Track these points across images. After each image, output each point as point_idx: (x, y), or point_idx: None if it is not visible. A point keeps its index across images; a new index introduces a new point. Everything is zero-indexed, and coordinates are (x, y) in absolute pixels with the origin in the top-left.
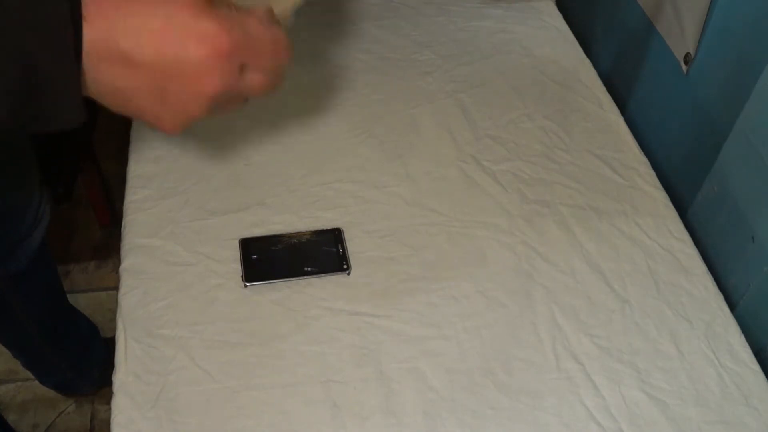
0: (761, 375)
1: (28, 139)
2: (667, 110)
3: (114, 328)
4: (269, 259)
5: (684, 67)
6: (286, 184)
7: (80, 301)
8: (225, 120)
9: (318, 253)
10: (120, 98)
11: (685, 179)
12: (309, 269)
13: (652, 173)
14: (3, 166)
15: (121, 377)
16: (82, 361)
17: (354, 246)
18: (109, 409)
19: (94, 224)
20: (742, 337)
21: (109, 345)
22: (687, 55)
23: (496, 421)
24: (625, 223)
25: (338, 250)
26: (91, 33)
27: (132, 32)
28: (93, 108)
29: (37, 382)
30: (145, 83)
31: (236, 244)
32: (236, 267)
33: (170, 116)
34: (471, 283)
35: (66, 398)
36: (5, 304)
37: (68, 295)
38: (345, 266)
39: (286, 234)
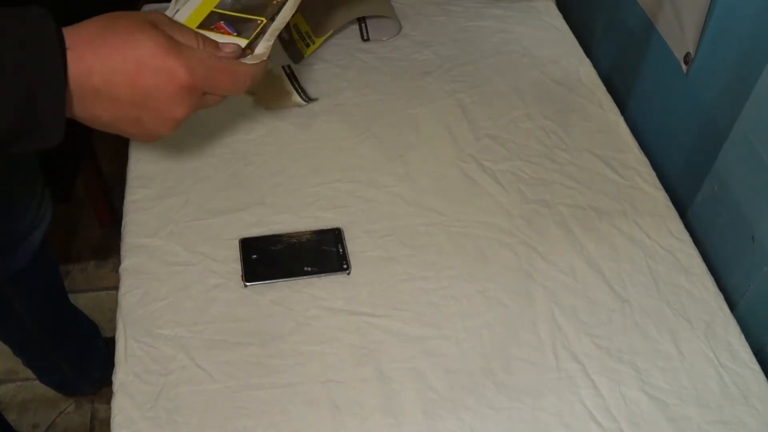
0: (761, 375)
1: None
2: (667, 110)
3: (114, 328)
4: (269, 258)
5: (684, 67)
6: (286, 184)
7: (80, 301)
8: (225, 120)
9: (318, 253)
10: (99, 124)
11: (685, 179)
12: (309, 269)
13: (652, 173)
14: (5, 165)
15: (121, 377)
16: (82, 360)
17: (354, 246)
18: (109, 408)
19: (94, 224)
20: (742, 337)
21: (109, 345)
22: (687, 55)
23: (495, 420)
24: (625, 223)
25: (338, 250)
26: (73, 71)
27: (108, 73)
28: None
29: (37, 381)
30: (122, 113)
31: (236, 244)
32: (236, 267)
33: (144, 136)
34: (471, 283)
35: (66, 398)
36: (6, 303)
37: (68, 295)
38: (345, 266)
39: (286, 234)
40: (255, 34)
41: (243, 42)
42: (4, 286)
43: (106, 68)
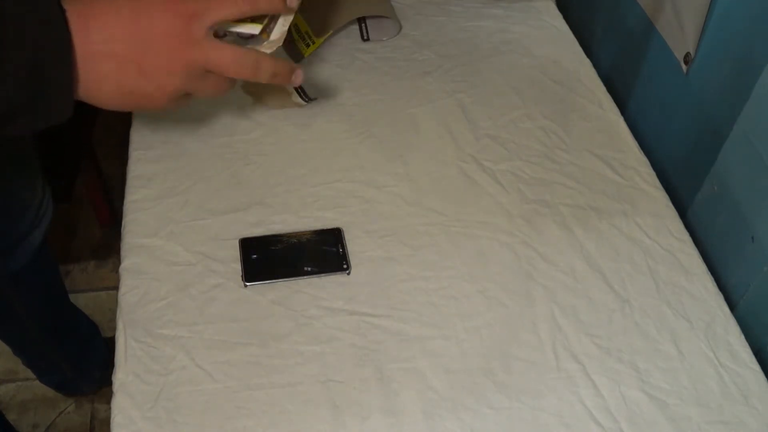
0: (761, 375)
1: (30, 137)
2: (667, 110)
3: (114, 328)
4: (269, 259)
5: (684, 67)
6: (286, 184)
7: (80, 301)
8: (225, 120)
9: (318, 253)
10: (104, 95)
11: (685, 179)
12: (309, 269)
13: (652, 173)
14: (5, 163)
15: (121, 377)
16: (82, 360)
17: (354, 246)
18: (109, 408)
19: (94, 224)
20: (742, 337)
21: (109, 345)
22: (687, 55)
23: (495, 420)
24: (625, 223)
25: (338, 250)
26: (74, 36)
27: (105, 29)
28: (93, 108)
29: (37, 381)
30: (124, 71)
31: (236, 244)
32: (236, 267)
33: (150, 98)
34: (471, 283)
35: (66, 398)
36: (6, 302)
37: (68, 295)
38: (345, 266)
39: (286, 234)
40: (267, 20)
41: (257, 28)
42: (4, 285)
43: (103, 24)
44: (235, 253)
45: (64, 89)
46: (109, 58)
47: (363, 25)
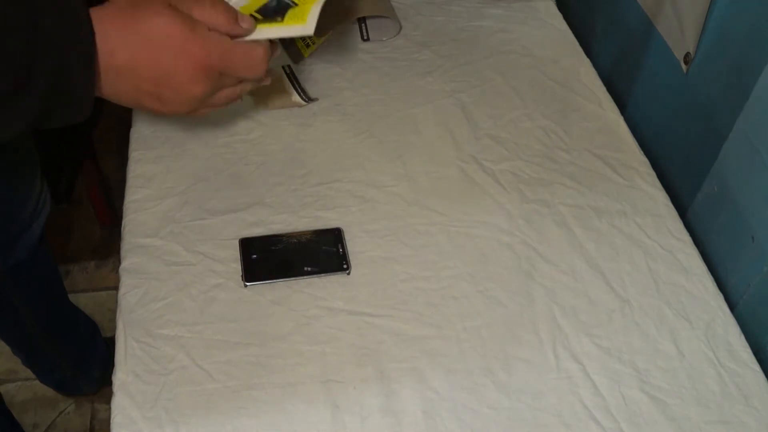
0: (761, 375)
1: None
2: (667, 110)
3: (114, 328)
4: (269, 259)
5: (684, 67)
6: (286, 184)
7: (80, 300)
8: (225, 120)
9: (318, 253)
10: (122, 100)
11: (685, 179)
12: (309, 269)
13: (652, 173)
14: (3, 155)
15: (121, 377)
16: (82, 359)
17: (354, 246)
18: (109, 409)
19: (94, 224)
20: (742, 337)
21: (109, 345)
22: (687, 55)
23: (495, 420)
24: (625, 223)
25: (338, 250)
26: (99, 50)
27: (130, 55)
28: (94, 109)
29: (37, 381)
30: (144, 90)
31: (236, 244)
32: (236, 267)
33: (165, 112)
34: (471, 283)
35: (66, 398)
36: (6, 299)
37: (68, 295)
38: (345, 266)
39: (286, 234)
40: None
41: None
42: (4, 280)
43: (128, 50)
44: (235, 253)
45: (86, 95)
46: (130, 75)
47: (363, 25)
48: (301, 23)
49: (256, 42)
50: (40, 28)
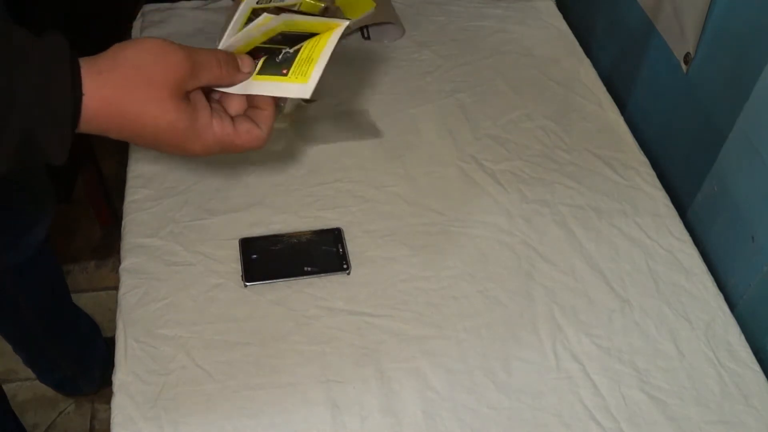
0: (761, 375)
1: None
2: (667, 110)
3: (114, 328)
4: (269, 259)
5: (684, 67)
6: (286, 184)
7: (81, 300)
8: None
9: (318, 253)
10: (123, 139)
11: (685, 179)
12: (309, 269)
13: (652, 173)
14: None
15: (121, 377)
16: (82, 358)
17: (354, 246)
18: (109, 409)
19: (94, 224)
20: (742, 337)
21: (109, 345)
22: (687, 55)
23: (495, 420)
24: (625, 223)
25: (338, 250)
26: (93, 105)
27: (125, 134)
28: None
29: (37, 381)
30: (142, 141)
31: (236, 244)
32: (236, 267)
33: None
34: (471, 283)
35: (66, 398)
36: (8, 298)
37: (70, 294)
38: (345, 266)
39: (286, 234)
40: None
41: None
42: (8, 279)
43: (122, 133)
44: (235, 253)
45: (58, 154)
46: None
47: (365, 26)
48: (303, 81)
49: (256, 123)
50: (17, 94)
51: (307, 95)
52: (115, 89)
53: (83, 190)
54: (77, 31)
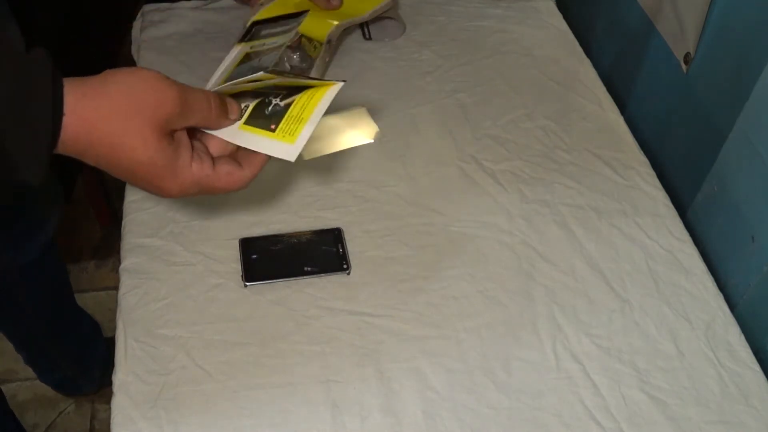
0: (761, 375)
1: None
2: (667, 110)
3: (114, 328)
4: (269, 259)
5: (684, 67)
6: (286, 184)
7: (81, 300)
8: None
9: (318, 253)
10: (99, 166)
11: (685, 179)
12: (309, 269)
13: (652, 173)
14: None
15: (121, 377)
16: (83, 358)
17: (354, 246)
18: (109, 409)
19: (94, 224)
20: (742, 337)
21: (110, 345)
22: (687, 55)
23: (495, 420)
24: (625, 223)
25: (338, 250)
26: (73, 126)
27: (102, 163)
28: None
29: (37, 381)
30: (117, 172)
31: (236, 244)
32: (236, 267)
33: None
34: (471, 283)
35: (66, 398)
36: (13, 297)
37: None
38: (345, 266)
39: (286, 234)
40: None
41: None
42: (13, 278)
43: (99, 160)
44: (235, 253)
45: (34, 168)
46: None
47: (365, 24)
48: (290, 141)
49: (240, 164)
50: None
51: (292, 159)
52: (99, 113)
53: (83, 190)
54: (77, 31)
